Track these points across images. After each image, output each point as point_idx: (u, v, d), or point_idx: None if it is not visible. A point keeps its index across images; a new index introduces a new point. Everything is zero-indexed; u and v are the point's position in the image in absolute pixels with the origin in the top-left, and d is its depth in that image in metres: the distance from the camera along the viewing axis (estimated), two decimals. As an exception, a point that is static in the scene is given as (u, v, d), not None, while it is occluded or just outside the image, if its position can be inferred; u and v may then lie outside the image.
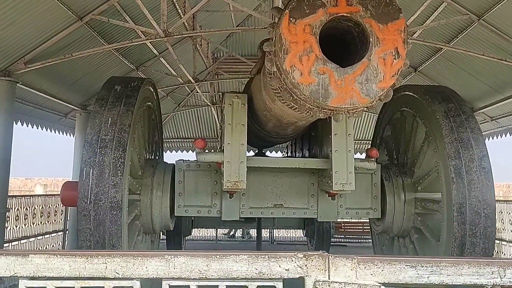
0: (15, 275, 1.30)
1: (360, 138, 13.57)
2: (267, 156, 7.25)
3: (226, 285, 1.41)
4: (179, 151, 15.85)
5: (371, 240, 14.89)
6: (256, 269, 1.38)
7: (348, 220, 14.34)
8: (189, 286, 1.39)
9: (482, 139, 4.77)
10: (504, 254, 8.62)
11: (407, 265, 1.46)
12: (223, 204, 5.37)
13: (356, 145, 9.66)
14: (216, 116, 14.20)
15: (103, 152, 4.31)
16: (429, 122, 5.12)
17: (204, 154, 4.71)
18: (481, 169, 4.60)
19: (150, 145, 6.07)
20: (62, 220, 8.76)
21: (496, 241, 7.21)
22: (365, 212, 5.62)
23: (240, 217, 5.51)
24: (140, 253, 1.35)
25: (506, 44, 6.29)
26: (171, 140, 15.42)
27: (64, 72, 7.60)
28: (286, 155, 8.55)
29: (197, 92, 13.19)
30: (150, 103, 5.76)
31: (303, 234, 12.89)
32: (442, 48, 7.06)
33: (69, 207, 8.79)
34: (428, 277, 1.45)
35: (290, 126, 4.44)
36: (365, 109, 2.66)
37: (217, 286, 1.40)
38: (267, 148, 7.76)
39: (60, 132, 9.42)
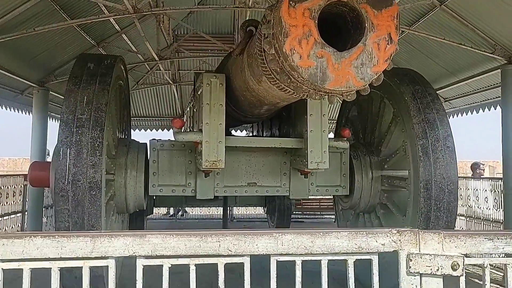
0: (133, 254, 1.32)
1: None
2: (240, 135, 7.31)
3: (328, 259, 1.50)
4: (136, 130, 15.55)
5: (328, 216, 15.46)
6: (356, 244, 1.48)
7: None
8: (294, 261, 1.46)
9: (446, 119, 5.06)
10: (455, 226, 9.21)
11: (485, 238, 1.63)
12: (198, 183, 5.41)
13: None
14: (176, 95, 14.03)
15: (80, 131, 4.23)
16: (397, 103, 5.36)
17: (183, 134, 4.72)
18: (445, 148, 4.91)
19: (120, 124, 5.98)
20: (21, 201, 8.46)
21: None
22: (335, 189, 5.85)
23: (214, 196, 5.59)
24: (250, 232, 1.41)
25: (465, 30, 6.62)
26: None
27: (22, 47, 7.24)
28: (251, 135, 8.65)
29: (158, 70, 12.95)
30: (121, 81, 5.66)
31: (264, 211, 13.16)
32: (404, 31, 7.32)
33: (28, 188, 8.50)
34: (503, 248, 1.63)
35: (269, 106, 4.52)
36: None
37: (320, 260, 1.49)
38: (235, 127, 7.84)
39: (16, 110, 9.00)
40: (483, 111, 8.46)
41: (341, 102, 7.45)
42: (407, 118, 5.12)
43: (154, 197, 8.33)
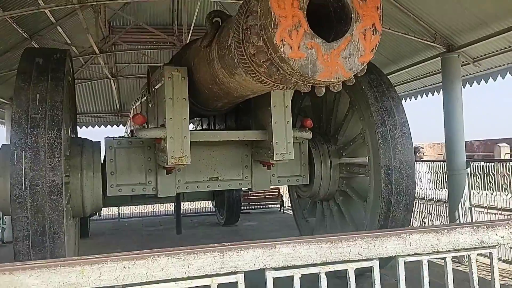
0: (264, 267, 1.19)
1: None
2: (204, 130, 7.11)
3: (452, 256, 1.45)
4: (71, 128, 14.73)
5: (273, 206, 15.64)
6: (478, 239, 1.45)
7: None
8: (421, 261, 1.40)
9: (401, 107, 5.27)
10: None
11: None
12: (159, 181, 5.24)
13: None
14: (114, 89, 13.44)
15: (35, 132, 3.91)
16: (353, 92, 5.48)
17: (146, 131, 4.52)
18: (402, 134, 5.11)
19: (70, 122, 5.62)
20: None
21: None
22: (295, 179, 5.90)
23: (176, 193, 5.44)
24: (378, 233, 1.32)
25: (407, 20, 6.90)
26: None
27: None
28: (200, 129, 8.49)
29: (93, 63, 12.34)
30: (69, 77, 5.31)
31: (212, 205, 13.05)
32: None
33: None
34: None
35: (235, 99, 4.44)
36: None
37: (444, 258, 1.44)
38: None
39: None
40: (427, 96, 8.93)
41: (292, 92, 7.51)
42: (365, 107, 5.27)
43: None
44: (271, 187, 13.99)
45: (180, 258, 1.28)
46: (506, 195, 6.37)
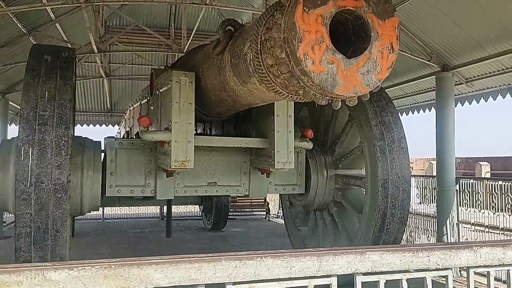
0: (355, 272, 1.26)
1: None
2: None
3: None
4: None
5: (259, 213, 15.61)
6: None
7: (237, 194, 14.91)
8: (488, 272, 1.48)
9: (400, 122, 5.40)
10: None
11: None
12: (158, 184, 5.26)
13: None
14: (106, 89, 13.38)
15: (43, 129, 3.92)
16: (353, 106, 5.59)
17: (152, 133, 4.55)
18: (400, 149, 5.24)
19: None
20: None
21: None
22: (291, 188, 5.99)
23: (174, 196, 5.47)
24: (453, 245, 1.39)
25: (405, 38, 7.09)
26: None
27: None
28: (195, 133, 8.48)
29: (86, 62, 12.29)
30: (74, 75, 5.31)
31: (200, 209, 13.03)
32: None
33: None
34: None
35: (242, 106, 4.51)
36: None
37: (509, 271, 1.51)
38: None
39: None
40: (418, 113, 9.13)
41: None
42: (364, 120, 5.39)
43: None
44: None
45: (284, 260, 1.39)
46: (494, 213, 6.55)
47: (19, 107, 12.65)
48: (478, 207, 6.79)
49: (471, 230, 6.95)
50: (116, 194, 5.19)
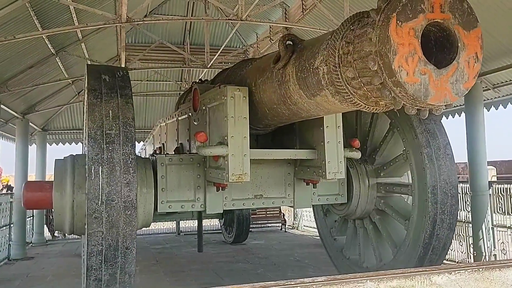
0: None
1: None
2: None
3: None
4: (73, 143, 14.63)
5: (275, 225, 15.58)
6: None
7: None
8: None
9: (443, 129, 5.48)
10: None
11: None
12: (208, 198, 5.30)
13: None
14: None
15: (111, 148, 3.97)
16: (394, 115, 5.69)
17: (210, 148, 4.62)
18: (446, 156, 5.32)
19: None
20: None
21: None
22: (334, 197, 6.03)
23: (223, 210, 5.51)
24: None
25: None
26: (66, 131, 14.17)
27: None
28: None
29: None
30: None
31: (221, 223, 13.02)
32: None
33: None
34: None
35: (297, 119, 4.59)
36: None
37: None
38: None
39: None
40: (447, 118, 9.22)
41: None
42: (408, 128, 5.47)
43: None
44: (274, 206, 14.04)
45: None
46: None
47: (38, 127, 12.64)
48: (513, 211, 6.86)
49: (508, 234, 7.02)
50: (167, 210, 5.22)
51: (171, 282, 7.31)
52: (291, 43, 4.08)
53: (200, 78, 8.81)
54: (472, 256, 7.57)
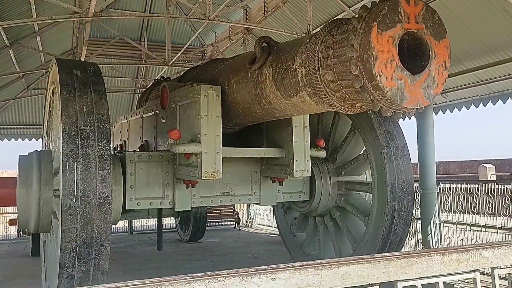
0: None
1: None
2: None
3: None
4: (19, 139, 13.98)
5: (229, 223, 15.63)
6: None
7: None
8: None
9: (401, 131, 5.84)
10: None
11: None
12: (177, 195, 5.34)
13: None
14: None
15: (86, 144, 3.94)
16: (356, 116, 5.98)
17: (183, 145, 4.67)
18: (403, 156, 5.67)
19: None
20: None
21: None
22: (298, 195, 6.25)
23: (191, 207, 5.55)
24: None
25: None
26: (13, 126, 13.54)
27: None
28: None
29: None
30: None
31: (176, 222, 12.91)
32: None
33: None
34: None
35: (268, 118, 4.72)
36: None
37: None
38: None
39: None
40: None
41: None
42: (369, 130, 5.77)
43: None
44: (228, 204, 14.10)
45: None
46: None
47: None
48: (459, 208, 7.39)
49: (453, 229, 7.54)
50: (136, 207, 5.20)
51: (130, 280, 7.21)
52: (267, 45, 4.21)
53: (161, 75, 8.74)
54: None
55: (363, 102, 3.17)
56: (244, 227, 15.76)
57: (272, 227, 14.85)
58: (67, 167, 3.83)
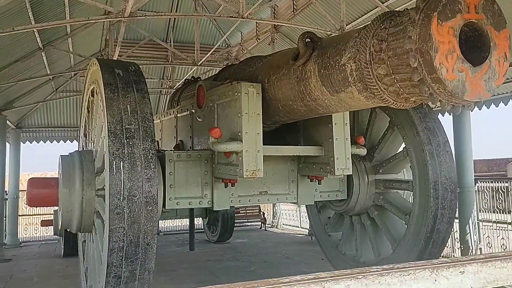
0: None
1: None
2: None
3: None
4: (48, 141, 14.19)
5: (255, 224, 15.61)
6: None
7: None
8: None
9: (442, 127, 5.69)
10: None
11: None
12: (215, 194, 5.30)
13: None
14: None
15: (131, 143, 3.93)
16: (394, 113, 5.86)
17: (225, 144, 4.62)
18: (445, 152, 5.53)
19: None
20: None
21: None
22: (335, 194, 6.15)
23: (230, 206, 5.52)
24: None
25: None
26: (42, 129, 13.75)
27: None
28: None
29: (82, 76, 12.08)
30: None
31: (204, 222, 12.92)
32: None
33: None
34: None
35: (313, 115, 4.64)
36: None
37: None
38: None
39: None
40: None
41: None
42: (409, 126, 5.65)
43: None
44: (254, 205, 14.06)
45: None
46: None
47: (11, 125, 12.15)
48: (499, 206, 7.19)
49: (493, 228, 7.33)
50: (175, 207, 5.19)
51: (165, 281, 7.25)
52: (310, 40, 4.14)
53: (192, 75, 8.74)
54: (458, 250, 7.88)
55: (419, 96, 3.08)
56: (270, 227, 15.71)
57: (298, 227, 14.79)
58: (114, 166, 3.82)
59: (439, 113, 9.15)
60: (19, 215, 13.27)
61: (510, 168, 18.64)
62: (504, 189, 7.29)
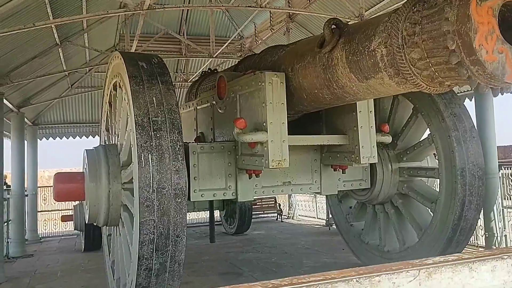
0: None
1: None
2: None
3: None
4: (64, 137, 14.29)
5: (270, 215, 15.59)
6: None
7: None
8: None
9: (468, 113, 5.59)
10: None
11: None
12: (239, 185, 5.27)
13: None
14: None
15: (158, 135, 3.90)
16: (418, 100, 5.77)
17: (251, 134, 4.58)
18: (472, 138, 5.44)
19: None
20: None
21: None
22: (358, 183, 6.09)
23: (253, 197, 5.49)
24: None
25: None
26: (57, 125, 13.84)
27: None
28: None
29: (97, 72, 12.11)
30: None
31: (221, 215, 12.92)
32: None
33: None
34: None
35: (339, 103, 4.58)
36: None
37: None
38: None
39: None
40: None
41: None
42: (434, 113, 5.56)
43: None
44: (269, 196, 13.99)
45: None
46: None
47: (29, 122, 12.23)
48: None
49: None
50: (200, 199, 5.17)
51: (188, 273, 7.24)
52: (336, 27, 4.07)
53: (209, 67, 8.70)
54: (481, 237, 7.78)
55: (455, 80, 3.01)
56: (286, 218, 15.66)
57: (314, 218, 14.74)
58: (142, 158, 3.81)
59: (466, 98, 9.05)
60: (38, 211, 13.39)
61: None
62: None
